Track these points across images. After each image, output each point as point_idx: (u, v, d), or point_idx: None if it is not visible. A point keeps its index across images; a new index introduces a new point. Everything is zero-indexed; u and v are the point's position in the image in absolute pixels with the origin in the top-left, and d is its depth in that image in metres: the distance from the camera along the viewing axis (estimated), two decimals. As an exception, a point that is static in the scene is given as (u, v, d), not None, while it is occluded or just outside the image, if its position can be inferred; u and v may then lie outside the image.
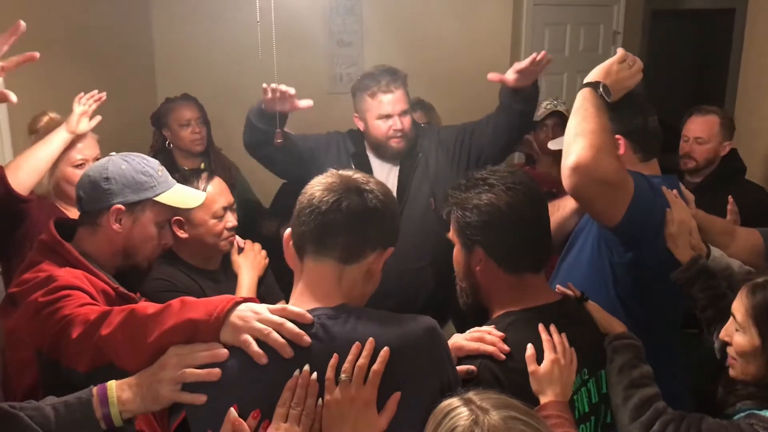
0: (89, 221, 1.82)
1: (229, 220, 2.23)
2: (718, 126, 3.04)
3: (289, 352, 1.25)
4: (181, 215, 2.15)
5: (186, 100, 3.44)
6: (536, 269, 1.62)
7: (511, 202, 1.55)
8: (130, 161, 1.84)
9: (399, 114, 2.66)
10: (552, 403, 1.45)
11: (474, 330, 1.55)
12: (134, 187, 1.81)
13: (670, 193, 1.93)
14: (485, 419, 1.00)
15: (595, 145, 1.73)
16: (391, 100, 2.65)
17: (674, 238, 1.88)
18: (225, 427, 1.22)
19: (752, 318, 1.51)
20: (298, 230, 1.37)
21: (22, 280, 1.71)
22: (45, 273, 1.69)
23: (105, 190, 1.79)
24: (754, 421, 1.46)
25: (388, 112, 2.66)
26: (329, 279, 1.34)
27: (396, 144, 2.70)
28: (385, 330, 1.29)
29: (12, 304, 1.71)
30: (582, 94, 1.87)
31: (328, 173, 1.42)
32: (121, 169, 1.81)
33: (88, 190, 1.81)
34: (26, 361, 1.70)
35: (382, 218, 1.37)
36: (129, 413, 1.35)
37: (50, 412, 1.33)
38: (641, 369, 1.59)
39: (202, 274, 2.24)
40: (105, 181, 1.79)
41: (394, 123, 2.66)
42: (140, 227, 1.84)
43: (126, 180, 1.81)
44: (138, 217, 1.83)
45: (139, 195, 1.82)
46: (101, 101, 2.56)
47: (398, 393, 1.24)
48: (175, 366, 1.29)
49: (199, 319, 1.30)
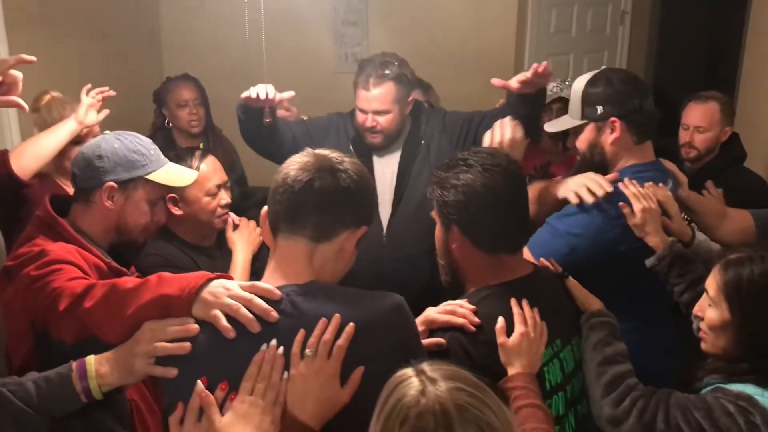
0: (83, 198, 1.88)
1: (223, 197, 2.28)
2: (719, 113, 2.98)
3: (256, 327, 1.30)
4: (175, 193, 2.20)
5: (185, 80, 3.48)
6: (512, 250, 1.65)
7: (487, 183, 1.58)
8: (123, 140, 1.89)
9: (373, 112, 2.62)
10: (519, 375, 1.49)
11: (446, 303, 1.60)
12: (126, 165, 1.86)
13: (626, 185, 1.95)
14: (432, 389, 1.04)
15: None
16: (367, 97, 2.61)
17: (640, 228, 1.91)
18: (193, 398, 1.28)
19: (723, 293, 1.54)
20: (273, 209, 1.42)
21: (18, 254, 1.77)
22: (39, 247, 1.75)
23: (98, 168, 1.84)
24: (720, 394, 1.50)
25: (363, 107, 2.63)
26: (301, 257, 1.39)
27: (371, 138, 2.68)
28: (351, 307, 1.33)
29: (8, 277, 1.78)
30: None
31: (304, 152, 1.45)
32: (114, 148, 1.86)
33: (82, 167, 1.87)
34: (22, 332, 1.77)
35: (354, 198, 1.40)
36: (107, 386, 1.42)
37: (32, 387, 1.40)
38: (615, 346, 1.63)
39: (198, 250, 2.30)
40: (98, 159, 1.85)
41: (366, 120, 2.63)
42: (132, 205, 1.89)
43: (118, 158, 1.86)
44: (130, 195, 1.89)
45: (131, 173, 1.87)
46: (109, 96, 2.60)
47: (362, 368, 1.28)
48: (149, 340, 1.34)
49: (172, 294, 1.35)
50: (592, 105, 2.01)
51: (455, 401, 1.02)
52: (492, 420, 1.02)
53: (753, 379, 1.50)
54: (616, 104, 1.97)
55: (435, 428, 1.00)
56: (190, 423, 1.28)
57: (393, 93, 2.62)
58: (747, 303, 1.51)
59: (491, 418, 1.03)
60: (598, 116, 2.00)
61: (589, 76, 2.05)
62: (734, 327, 1.54)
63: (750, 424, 1.43)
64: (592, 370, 1.62)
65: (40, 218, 1.84)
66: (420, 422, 1.01)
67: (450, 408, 1.01)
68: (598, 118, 2.01)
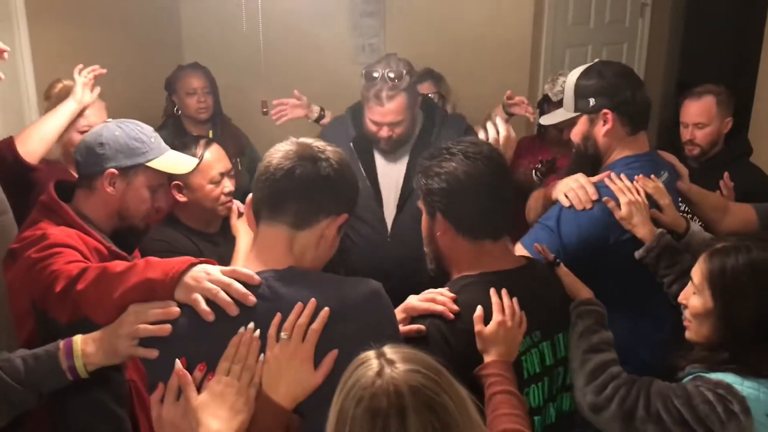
0: (86, 184, 1.95)
1: (226, 185, 2.33)
2: (716, 107, 2.94)
3: (234, 311, 1.34)
4: (179, 180, 2.26)
5: (194, 69, 3.55)
6: (495, 237, 1.67)
7: (469, 171, 1.61)
8: (124, 128, 1.95)
9: (387, 124, 2.62)
10: (494, 363, 1.51)
11: (428, 291, 1.63)
12: (127, 152, 1.92)
13: (613, 180, 1.96)
14: (389, 371, 1.07)
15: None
16: (382, 111, 2.60)
17: (628, 220, 1.92)
18: (172, 378, 1.33)
19: (708, 281, 1.56)
20: (255, 196, 1.46)
21: (21, 237, 1.84)
22: (41, 231, 1.81)
23: (99, 155, 1.91)
24: (700, 382, 1.51)
25: (377, 120, 2.63)
26: (281, 243, 1.42)
27: (383, 145, 2.69)
28: (327, 292, 1.36)
29: (12, 258, 1.85)
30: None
31: (288, 141, 1.49)
32: (115, 135, 1.93)
33: (84, 154, 1.93)
34: (24, 311, 1.85)
35: (334, 186, 1.44)
36: (93, 365, 1.48)
37: (20, 363, 1.47)
38: (601, 335, 1.65)
39: (202, 236, 2.36)
40: (99, 147, 1.91)
41: (381, 131, 2.64)
42: (133, 191, 1.95)
43: (119, 145, 1.92)
44: (131, 181, 1.95)
45: (131, 160, 1.93)
46: (100, 74, 2.66)
47: (335, 351, 1.31)
48: (132, 322, 1.40)
49: (156, 278, 1.40)
50: (585, 97, 2.02)
51: (409, 383, 1.05)
52: (445, 401, 1.05)
53: (733, 368, 1.51)
54: (607, 96, 1.99)
55: (388, 408, 1.03)
56: (169, 402, 1.33)
57: (405, 103, 2.62)
58: (729, 292, 1.53)
59: (445, 399, 1.05)
60: (590, 108, 2.02)
61: (582, 69, 2.06)
62: (716, 315, 1.55)
63: (728, 412, 1.45)
64: (577, 357, 1.64)
65: (44, 203, 1.91)
66: (373, 402, 1.04)
67: (403, 389, 1.04)
68: (590, 110, 2.02)
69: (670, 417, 1.49)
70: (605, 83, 1.99)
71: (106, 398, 1.88)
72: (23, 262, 1.77)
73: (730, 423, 1.45)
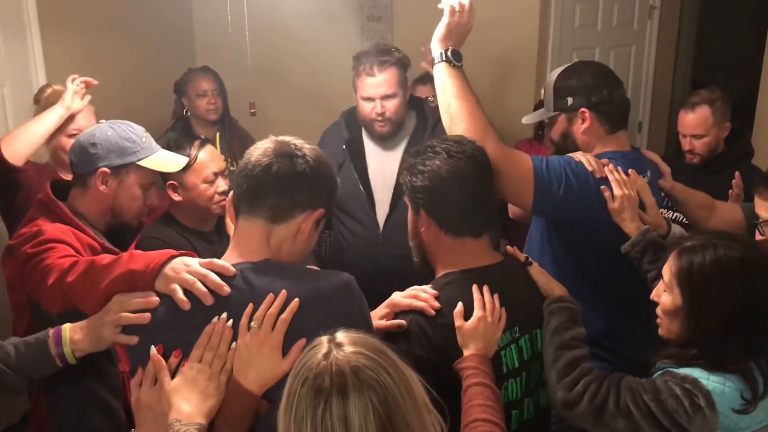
0: (80, 183, 2.02)
1: (220, 185, 2.39)
2: (711, 117, 2.92)
3: (209, 300, 1.40)
4: (174, 179, 2.33)
5: (204, 72, 3.65)
6: (476, 234, 1.71)
7: (451, 169, 1.66)
8: (116, 128, 2.03)
9: (381, 98, 2.66)
10: (472, 356, 1.56)
11: (411, 288, 1.68)
12: (119, 151, 2.00)
13: (611, 170, 1.97)
14: (335, 354, 1.12)
15: (476, 135, 1.82)
16: (374, 83, 2.65)
17: (618, 213, 1.95)
18: (149, 364, 1.39)
19: (676, 279, 1.58)
20: (235, 191, 1.52)
21: (18, 234, 1.93)
22: (36, 227, 1.89)
23: (92, 155, 1.99)
24: (668, 377, 1.54)
25: (370, 94, 2.67)
26: (257, 237, 1.48)
27: (379, 127, 2.72)
28: (299, 283, 1.42)
29: (10, 254, 1.93)
30: (438, 71, 1.96)
31: (267, 139, 1.55)
32: (107, 135, 2.01)
33: (78, 154, 2.01)
34: (21, 305, 1.95)
35: (310, 182, 1.49)
36: (80, 352, 1.56)
37: (11, 349, 1.54)
38: (573, 331, 1.67)
39: (197, 235, 2.41)
40: (92, 146, 1.99)
41: (375, 106, 2.68)
42: (125, 189, 2.03)
43: (111, 145, 1.99)
44: (123, 180, 2.02)
45: (123, 159, 2.01)
46: (92, 85, 2.73)
47: (303, 340, 1.36)
48: (116, 311, 1.47)
49: (138, 270, 1.47)
50: (563, 97, 2.06)
51: (351, 363, 1.10)
52: (386, 381, 1.10)
53: (701, 363, 1.54)
54: (584, 95, 2.02)
55: (330, 387, 1.08)
56: (146, 386, 1.40)
57: (397, 77, 2.69)
58: (697, 289, 1.55)
59: (385, 379, 1.10)
60: (568, 107, 2.06)
61: (561, 69, 2.10)
62: (685, 312, 1.57)
63: (694, 406, 1.48)
64: (550, 354, 1.66)
65: (41, 201, 1.99)
66: (317, 382, 1.09)
67: (345, 369, 1.09)
68: (568, 109, 2.06)
69: (638, 411, 1.52)
70: (582, 83, 2.03)
71: (100, 389, 1.95)
72: (19, 257, 1.85)
73: (696, 416, 1.47)
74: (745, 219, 2.25)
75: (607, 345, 2.03)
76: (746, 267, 1.53)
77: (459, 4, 1.93)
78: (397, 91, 2.69)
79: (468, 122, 1.87)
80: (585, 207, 1.94)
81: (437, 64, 1.95)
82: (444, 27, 1.95)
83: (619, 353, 2.06)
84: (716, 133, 2.95)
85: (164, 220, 2.40)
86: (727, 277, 1.53)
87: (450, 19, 1.94)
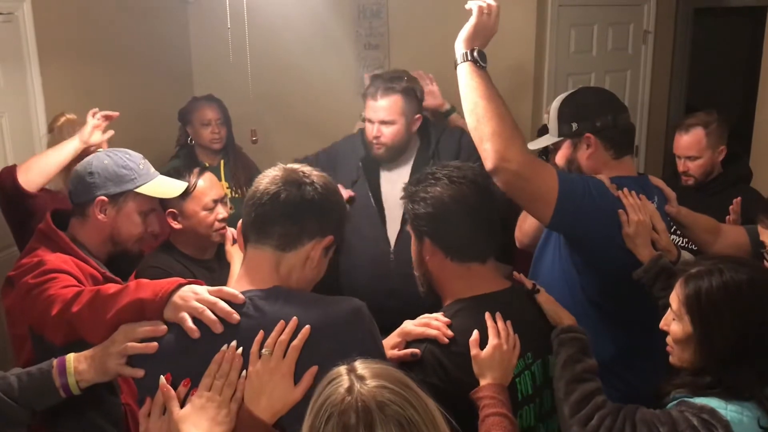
0: (79, 212, 2.01)
1: (220, 212, 2.38)
2: (705, 139, 2.92)
3: (218, 328, 1.38)
4: (174, 207, 2.33)
5: (209, 101, 3.65)
6: (482, 260, 1.69)
7: (454, 195, 1.65)
8: (113, 156, 2.02)
9: (379, 122, 2.71)
10: (489, 386, 1.53)
11: (423, 316, 1.65)
12: (116, 180, 1.99)
13: (626, 195, 1.96)
14: (358, 387, 1.09)
15: (504, 140, 1.78)
16: (375, 107, 2.70)
17: (632, 239, 1.92)
18: (158, 393, 1.37)
19: (685, 306, 1.56)
20: (244, 220, 1.51)
21: (19, 264, 1.91)
22: (37, 258, 1.87)
23: (90, 184, 1.98)
24: (684, 407, 1.50)
25: (370, 117, 2.73)
26: (267, 265, 1.47)
27: (375, 149, 2.76)
28: (310, 310, 1.40)
29: (11, 285, 1.91)
30: (463, 71, 1.87)
31: (275, 167, 1.54)
32: (104, 164, 2.00)
33: (76, 183, 2.01)
34: (22, 336, 1.92)
35: (319, 209, 1.48)
36: (85, 383, 1.52)
37: (14, 380, 1.51)
38: (584, 364, 1.64)
39: (197, 263, 2.40)
40: (89, 176, 1.98)
41: (371, 129, 2.73)
42: (124, 216, 2.02)
43: (108, 174, 1.98)
44: (121, 207, 2.01)
45: (120, 187, 1.99)
46: (112, 119, 2.74)
47: (315, 367, 1.34)
48: (122, 341, 1.45)
49: (146, 298, 1.45)
50: (567, 122, 2.05)
51: (377, 398, 1.07)
52: (412, 415, 1.07)
53: (717, 392, 1.51)
54: (589, 120, 2.02)
55: (356, 425, 1.05)
56: (155, 416, 1.37)
57: (400, 105, 2.71)
58: (706, 315, 1.53)
59: (411, 413, 1.07)
60: (572, 133, 2.05)
61: (566, 95, 2.11)
62: (696, 340, 1.55)
63: None
64: (561, 388, 1.63)
65: (42, 231, 1.97)
66: (343, 419, 1.06)
67: (372, 405, 1.06)
68: (573, 135, 2.05)
69: None
70: (587, 108, 2.03)
71: (101, 421, 1.92)
72: (21, 288, 1.82)
73: None
74: (751, 242, 2.24)
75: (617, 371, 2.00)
76: (754, 290, 1.51)
77: (487, 5, 1.88)
78: (396, 118, 2.72)
79: (496, 122, 1.80)
80: (602, 225, 1.91)
81: (461, 65, 1.88)
82: (471, 27, 1.88)
83: (628, 379, 2.04)
84: (711, 156, 2.95)
85: (164, 248, 2.39)
86: (736, 301, 1.51)
87: (478, 20, 1.87)
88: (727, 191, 2.83)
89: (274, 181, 1.48)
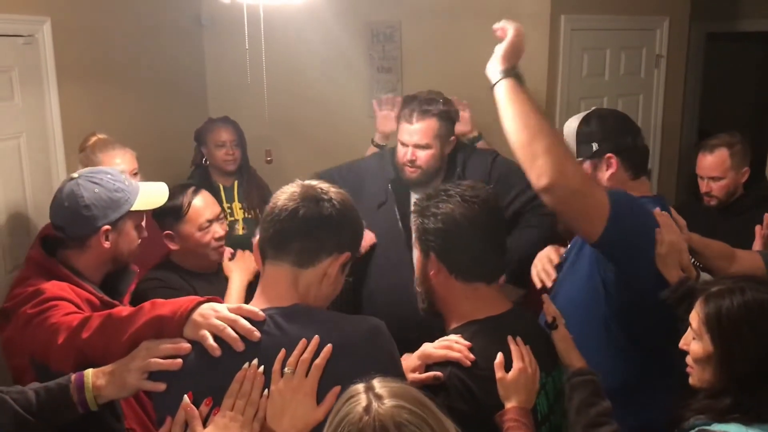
0: (77, 245, 1.96)
1: (216, 230, 2.39)
2: (729, 159, 2.93)
3: (240, 346, 1.38)
4: (169, 230, 2.34)
5: (225, 123, 3.69)
6: (488, 281, 1.69)
7: (465, 213, 1.65)
8: (100, 182, 1.96)
9: (414, 145, 2.68)
10: (513, 409, 1.53)
11: (443, 339, 1.64)
12: (113, 206, 1.95)
13: (660, 214, 1.94)
14: (375, 407, 1.08)
15: (559, 155, 1.72)
16: (410, 130, 2.68)
17: (663, 259, 1.89)
18: (179, 412, 1.36)
19: (705, 326, 1.56)
20: (261, 236, 1.51)
21: (13, 295, 1.88)
22: (33, 287, 1.84)
23: (88, 217, 1.92)
24: None
25: (405, 140, 2.70)
26: (285, 281, 1.47)
27: (409, 173, 2.73)
28: (331, 329, 1.40)
29: (5, 317, 1.88)
30: (504, 87, 1.80)
31: (293, 183, 1.55)
32: (96, 194, 1.93)
33: (70, 219, 1.93)
34: (22, 368, 1.88)
35: (337, 225, 1.49)
36: (103, 398, 1.51)
37: (32, 395, 1.51)
38: (598, 407, 1.62)
39: (196, 276, 2.41)
40: (85, 209, 1.91)
41: (405, 152, 2.70)
42: (125, 236, 2.01)
43: (104, 202, 1.94)
44: (122, 229, 2.00)
45: (119, 212, 1.97)
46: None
47: (338, 387, 1.34)
48: (144, 357, 1.44)
49: (165, 315, 1.45)
50: (587, 143, 2.04)
51: (395, 419, 1.07)
52: None
53: (737, 417, 1.49)
54: (610, 140, 2.02)
55: None
56: None
57: (435, 128, 2.69)
58: (727, 335, 1.52)
59: None
60: (593, 153, 2.04)
61: (582, 116, 2.10)
62: (717, 359, 1.54)
63: None
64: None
65: (33, 259, 1.95)
66: None
67: (389, 425, 1.06)
68: (594, 155, 2.04)
69: None
70: (607, 128, 2.03)
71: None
72: (19, 319, 1.80)
73: None
74: (766, 266, 2.23)
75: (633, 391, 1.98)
76: None
77: (519, 26, 1.83)
78: (431, 142, 2.69)
79: (550, 138, 1.73)
80: (645, 242, 1.87)
81: (502, 81, 1.81)
82: (508, 45, 1.81)
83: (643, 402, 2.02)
84: (734, 177, 2.95)
85: (164, 265, 2.41)
86: (757, 321, 1.50)
87: (514, 38, 1.82)
88: (749, 212, 2.81)
89: (292, 197, 1.49)
